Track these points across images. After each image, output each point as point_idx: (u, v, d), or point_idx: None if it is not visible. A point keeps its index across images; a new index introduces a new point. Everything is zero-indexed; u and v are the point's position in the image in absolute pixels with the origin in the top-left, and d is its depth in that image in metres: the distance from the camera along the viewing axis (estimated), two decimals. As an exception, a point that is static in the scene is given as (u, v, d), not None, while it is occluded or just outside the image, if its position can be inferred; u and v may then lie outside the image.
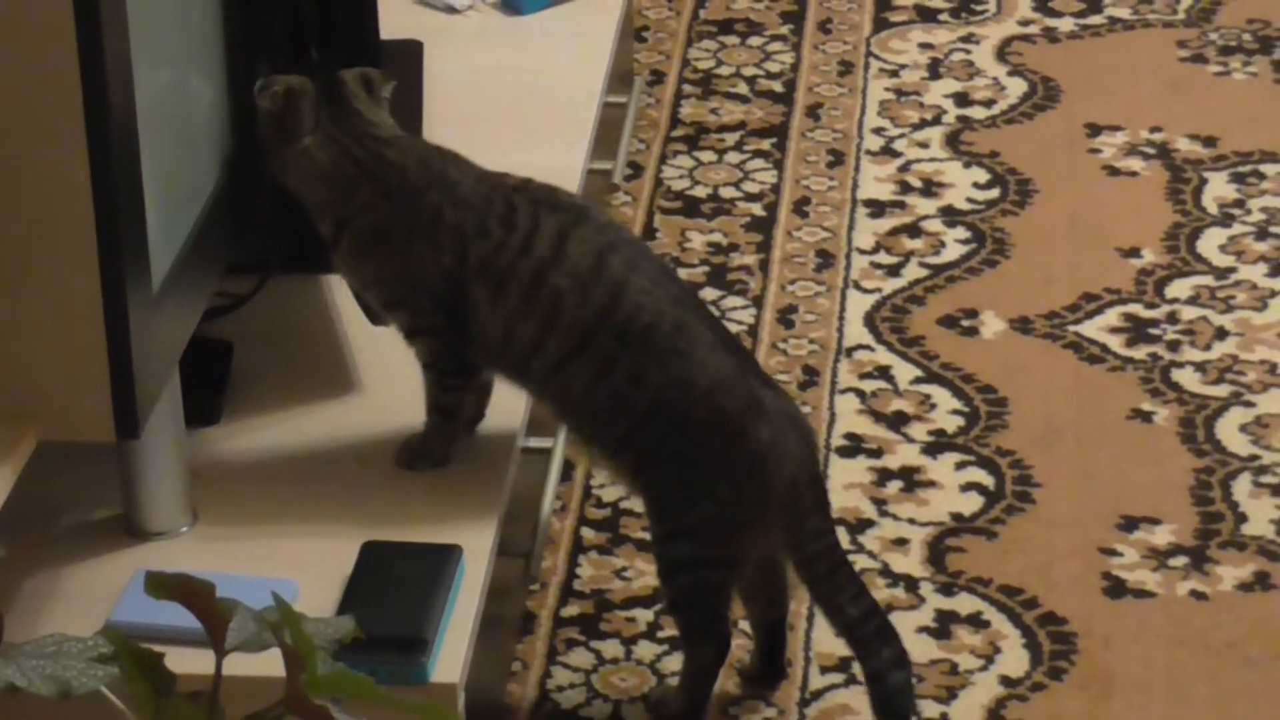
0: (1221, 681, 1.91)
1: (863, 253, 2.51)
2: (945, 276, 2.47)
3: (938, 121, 2.76)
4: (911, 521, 2.10)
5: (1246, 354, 2.33)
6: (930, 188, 2.63)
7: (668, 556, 1.80)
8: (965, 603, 2.00)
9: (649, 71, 2.87)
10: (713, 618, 1.81)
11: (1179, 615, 1.99)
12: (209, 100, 1.76)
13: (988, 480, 2.15)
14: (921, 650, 1.94)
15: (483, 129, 1.82)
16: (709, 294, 2.43)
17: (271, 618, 1.15)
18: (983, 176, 2.65)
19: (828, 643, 1.95)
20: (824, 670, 1.92)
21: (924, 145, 2.71)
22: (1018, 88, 2.83)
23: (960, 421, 2.24)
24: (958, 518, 2.10)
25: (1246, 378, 2.30)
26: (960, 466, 2.17)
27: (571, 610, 2.00)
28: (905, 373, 2.31)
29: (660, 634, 1.96)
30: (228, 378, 1.93)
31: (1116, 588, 2.02)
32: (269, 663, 1.18)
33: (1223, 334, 2.37)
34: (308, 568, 1.71)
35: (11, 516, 1.58)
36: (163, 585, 1.14)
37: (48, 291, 1.52)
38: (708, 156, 2.70)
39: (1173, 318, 2.40)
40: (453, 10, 2.46)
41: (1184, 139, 2.71)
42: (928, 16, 2.99)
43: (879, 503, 2.12)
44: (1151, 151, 2.69)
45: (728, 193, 2.62)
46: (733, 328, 2.36)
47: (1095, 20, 2.97)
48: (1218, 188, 2.62)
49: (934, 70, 2.88)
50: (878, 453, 2.19)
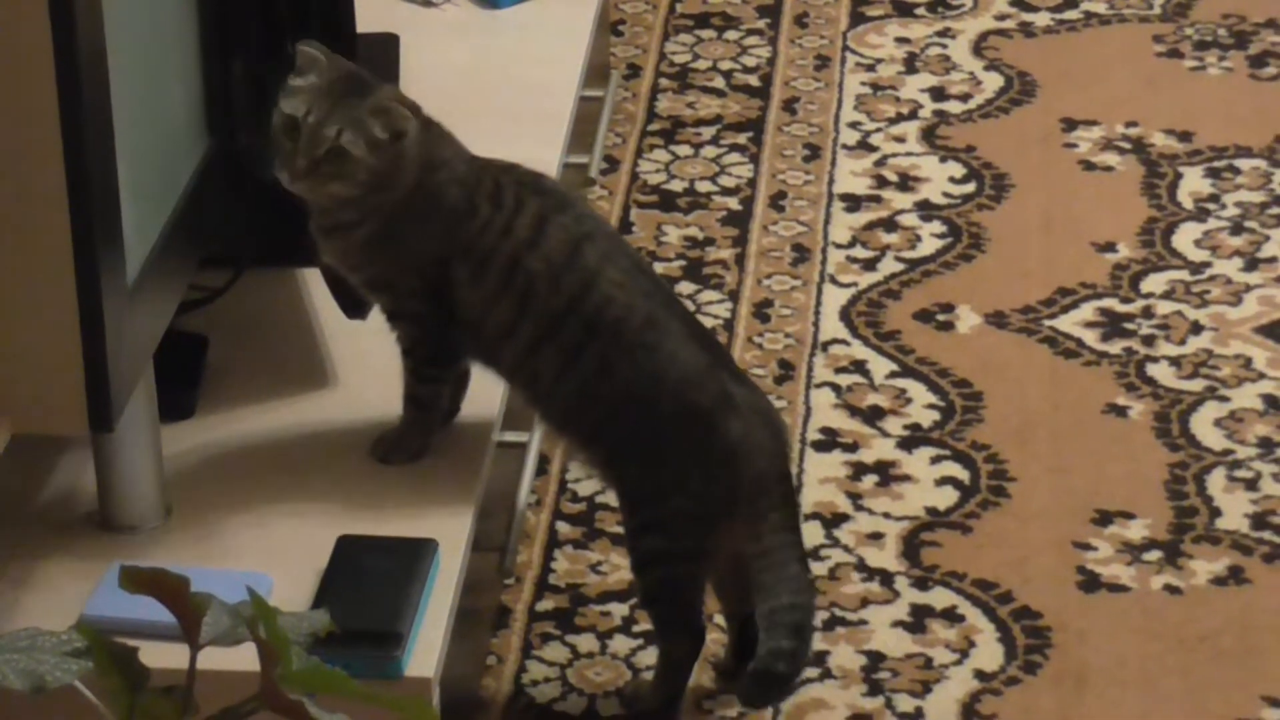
0: (1195, 675, 1.91)
1: (839, 247, 2.52)
2: (921, 271, 2.47)
3: (914, 116, 2.77)
4: (886, 516, 2.10)
5: (1221, 349, 2.34)
6: (906, 182, 2.63)
7: (640, 550, 1.80)
8: (940, 597, 2.00)
9: (625, 65, 2.87)
10: (686, 611, 1.81)
11: (1153, 609, 1.99)
12: (184, 93, 1.76)
13: (963, 474, 2.16)
14: (896, 644, 1.95)
15: (460, 123, 1.82)
16: (685, 288, 2.43)
17: (246, 612, 1.15)
18: (959, 171, 2.65)
19: (803, 637, 1.95)
20: (799, 664, 1.92)
21: (900, 140, 2.72)
22: (994, 82, 2.83)
23: (935, 416, 2.24)
24: (933, 512, 2.11)
25: (1221, 372, 2.31)
26: (935, 461, 2.17)
27: (546, 604, 2.00)
28: (881, 367, 2.31)
29: (635, 628, 1.96)
30: (202, 371, 1.93)
31: (1091, 582, 2.02)
32: (243, 657, 1.18)
33: (1198, 329, 2.38)
34: (282, 562, 1.70)
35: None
36: (137, 579, 1.14)
37: (22, 284, 1.52)
38: (684, 150, 2.70)
39: (1148, 312, 2.40)
40: (429, 4, 2.46)
41: (1159, 134, 2.72)
42: (904, 11, 2.99)
43: (854, 497, 2.13)
44: (1127, 146, 2.70)
45: (704, 187, 2.63)
46: (708, 322, 2.36)
47: (1071, 15, 2.98)
48: (1193, 183, 2.63)
49: (910, 65, 2.88)
50: (853, 447, 2.20)
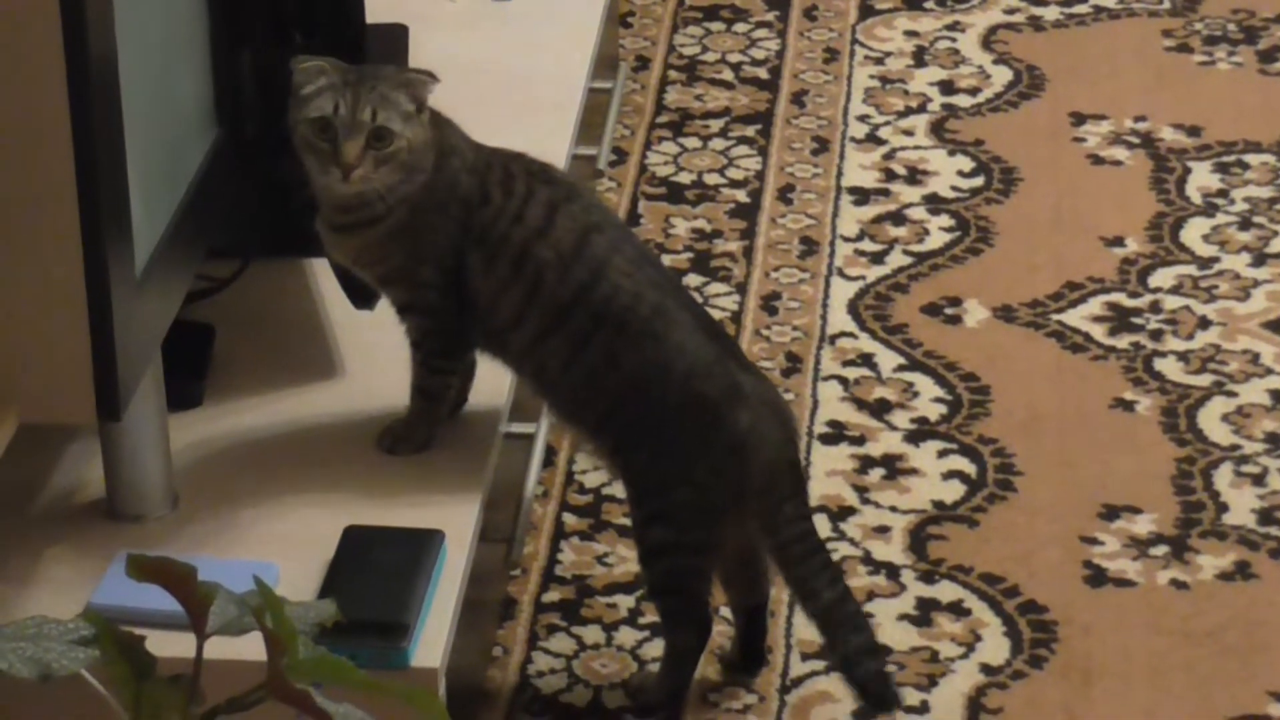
0: (1201, 670, 1.91)
1: (847, 240, 2.52)
2: (929, 264, 2.47)
3: (923, 109, 2.77)
4: (893, 509, 2.10)
5: (1229, 344, 2.34)
6: (915, 175, 2.63)
7: (647, 542, 1.80)
8: (946, 590, 2.00)
9: (634, 57, 2.87)
10: (693, 603, 1.82)
11: (1159, 604, 1.99)
12: (192, 83, 1.76)
13: (969, 468, 2.16)
14: (902, 638, 1.95)
15: (468, 114, 1.82)
16: (693, 280, 2.43)
17: (253, 601, 1.15)
18: (967, 164, 2.65)
19: (808, 630, 1.95)
20: (805, 657, 1.92)
21: (909, 133, 2.72)
22: (1003, 76, 2.83)
23: (943, 409, 2.24)
24: (939, 505, 2.11)
25: (1229, 367, 2.31)
26: (942, 454, 2.17)
27: (553, 596, 2.00)
28: (888, 360, 2.31)
29: (641, 620, 1.96)
30: (209, 361, 1.93)
31: (1097, 576, 2.03)
32: (250, 647, 1.18)
33: (1205, 323, 2.38)
34: (289, 552, 1.71)
35: (-7, 498, 1.58)
36: (144, 568, 1.15)
37: (30, 273, 1.52)
38: (692, 143, 2.70)
39: (1155, 307, 2.40)
40: (438, -6, 2.46)
41: (1168, 128, 2.72)
42: (913, 4, 2.99)
43: (861, 490, 2.13)
44: (1136, 141, 2.69)
45: (712, 179, 2.63)
46: (716, 314, 2.36)
47: (1081, 9, 2.97)
48: (1201, 177, 2.62)
49: (919, 58, 2.88)
50: (860, 440, 2.20)
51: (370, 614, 1.60)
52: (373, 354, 1.94)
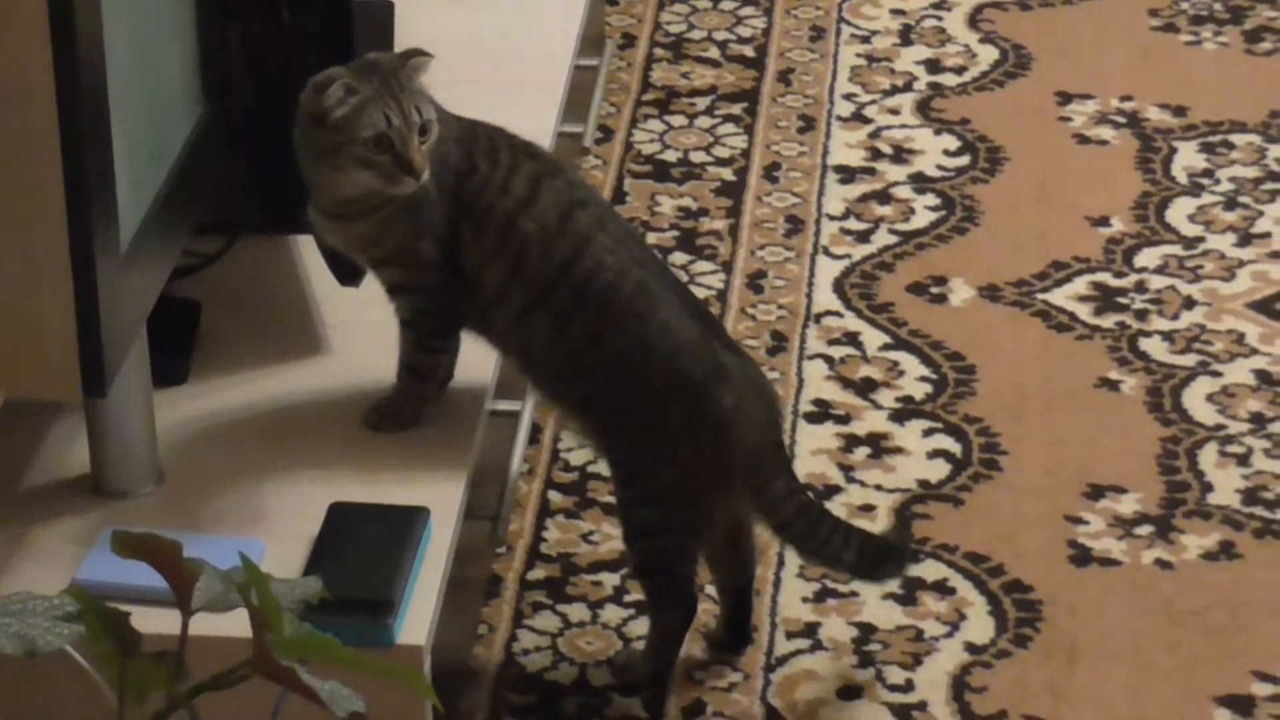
0: (1185, 650, 1.92)
1: (832, 219, 2.51)
2: (915, 243, 2.47)
3: (909, 88, 2.76)
4: (879, 488, 2.10)
5: (1214, 324, 2.34)
6: (901, 154, 2.63)
7: (633, 521, 1.80)
8: (931, 569, 2.00)
9: (620, 35, 2.87)
10: (678, 582, 1.82)
11: (1144, 584, 2.00)
12: (178, 58, 1.75)
13: (955, 447, 2.16)
14: (887, 616, 1.95)
15: (454, 91, 1.82)
16: (678, 258, 2.43)
17: (238, 578, 1.15)
18: (953, 143, 2.65)
19: (794, 608, 1.95)
20: (789, 636, 1.92)
21: (895, 112, 2.71)
22: (989, 55, 2.83)
23: (928, 388, 2.24)
24: (925, 484, 2.11)
25: (1214, 347, 2.31)
26: (928, 433, 2.17)
27: (538, 574, 2.00)
28: (874, 339, 2.31)
29: (627, 598, 1.96)
30: (195, 338, 1.92)
31: (1082, 556, 2.03)
32: (235, 623, 1.18)
33: (1190, 303, 2.38)
34: (274, 528, 1.70)
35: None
36: (129, 544, 1.14)
37: (15, 248, 1.51)
38: (678, 121, 2.70)
39: (1141, 287, 2.41)
40: (424, -29, 2.44)
41: (1154, 108, 2.72)
42: (900, -17, 2.98)
43: (846, 469, 2.13)
44: (1122, 120, 2.69)
45: (698, 157, 2.62)
46: (701, 292, 2.36)
47: (1067, -12, 2.97)
48: (1187, 157, 2.63)
49: (905, 37, 2.88)
50: (845, 419, 2.20)
51: (355, 591, 1.60)
52: (358, 331, 1.94)
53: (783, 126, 2.69)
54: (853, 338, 2.32)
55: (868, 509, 2.08)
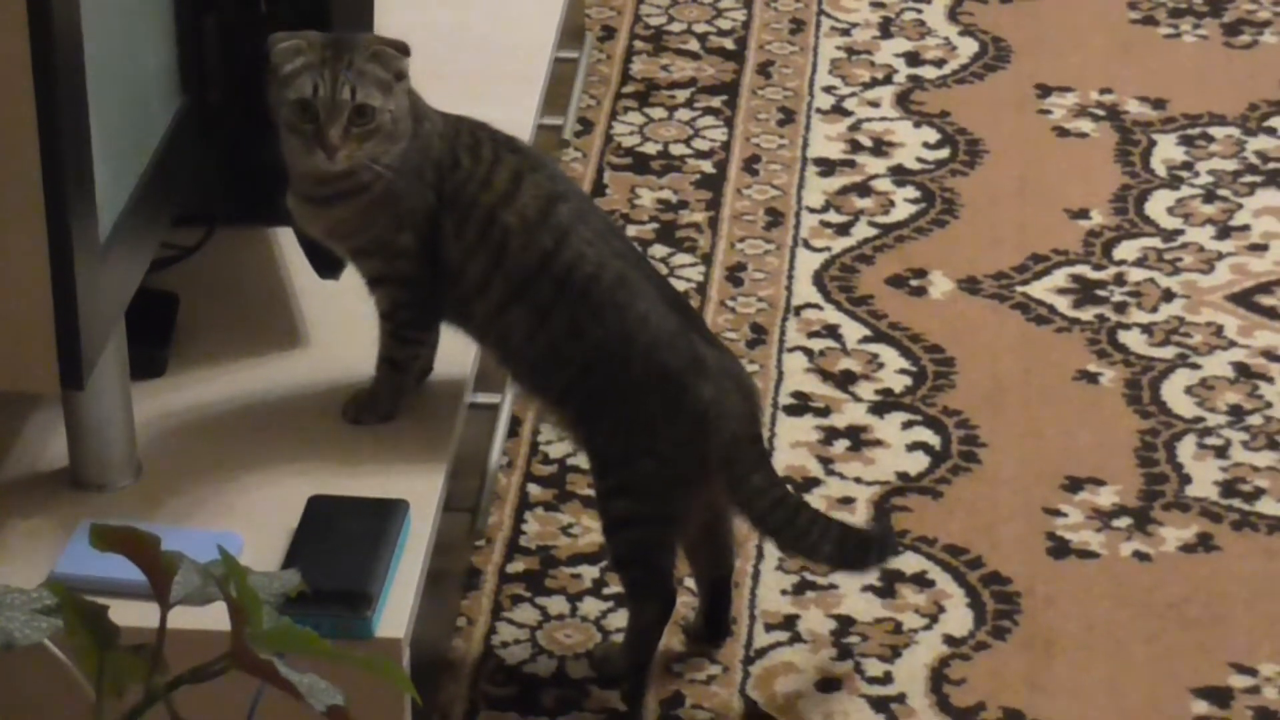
0: (1163, 642, 1.92)
1: (812, 211, 2.52)
2: (894, 236, 2.47)
3: (888, 81, 2.77)
4: (858, 480, 2.11)
5: (1193, 316, 2.35)
6: (880, 147, 2.63)
7: (610, 513, 1.80)
8: (910, 562, 2.01)
9: (600, 27, 2.87)
10: (656, 575, 1.82)
11: (1122, 576, 2.00)
12: (157, 50, 1.75)
13: (934, 440, 2.16)
14: (866, 609, 1.95)
15: (433, 83, 1.81)
16: (658, 251, 2.43)
17: (216, 571, 1.15)
18: (933, 136, 2.65)
19: (772, 600, 1.96)
20: (768, 628, 1.93)
21: (874, 104, 2.72)
22: (969, 48, 2.83)
23: (907, 381, 2.24)
24: (904, 477, 2.11)
25: (1192, 340, 2.31)
26: (907, 426, 2.18)
27: (517, 566, 2.00)
28: (853, 332, 2.32)
29: (606, 590, 1.96)
30: (173, 330, 1.92)
31: (1060, 548, 2.03)
32: (213, 616, 1.18)
33: (1169, 296, 2.38)
34: (253, 521, 1.70)
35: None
36: (107, 537, 1.14)
37: (-6, 243, 1.51)
38: (658, 113, 2.70)
39: (1120, 279, 2.41)
40: (403, -38, 2.44)
41: (1134, 101, 2.72)
42: (880, -25, 2.99)
43: (825, 461, 2.13)
44: (1101, 113, 2.70)
45: (678, 150, 2.62)
46: (681, 285, 2.36)
47: (1047, -19, 2.98)
48: (1166, 150, 2.63)
49: (885, 29, 2.88)
50: (825, 411, 2.20)
51: (334, 584, 1.60)
52: (337, 323, 1.93)
53: (762, 119, 2.69)
54: (832, 330, 2.32)
55: (847, 501, 2.08)
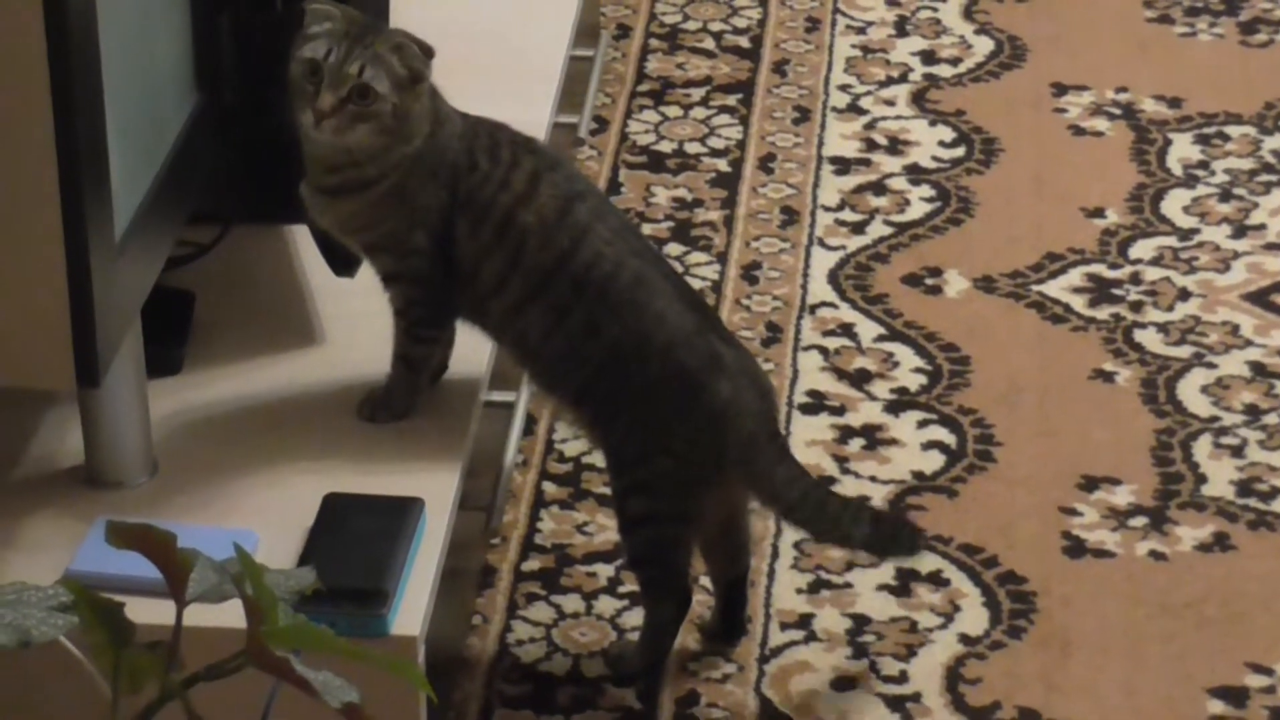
0: (1179, 642, 1.92)
1: (827, 210, 2.51)
2: (910, 234, 2.47)
3: (904, 79, 2.76)
4: (873, 479, 2.10)
5: (1209, 315, 2.34)
6: (896, 145, 2.63)
7: (626, 512, 1.80)
8: (926, 561, 2.00)
9: (615, 25, 2.86)
10: (672, 574, 1.81)
11: (1138, 575, 2.00)
12: (172, 47, 1.75)
13: (949, 439, 2.16)
14: (881, 608, 1.95)
15: (447, 80, 1.81)
16: (673, 249, 2.43)
17: (232, 568, 1.14)
18: (948, 135, 2.65)
19: (788, 599, 1.95)
20: (784, 627, 1.92)
21: (890, 103, 2.71)
22: (984, 46, 2.83)
23: (923, 380, 2.24)
24: (919, 476, 2.11)
25: (1208, 339, 2.31)
26: (922, 425, 2.17)
27: (532, 565, 2.00)
28: (868, 330, 2.31)
29: (621, 589, 1.96)
30: (189, 328, 1.92)
31: (1076, 547, 2.03)
32: (229, 614, 1.18)
33: (1185, 295, 2.38)
34: (268, 519, 1.70)
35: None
36: (123, 535, 1.14)
37: (8, 237, 1.51)
38: (673, 111, 2.69)
39: (1136, 278, 2.40)
40: (419, -40, 2.44)
41: (1149, 100, 2.71)
42: (895, -26, 2.98)
43: (841, 460, 2.13)
44: (1117, 112, 2.69)
45: (693, 148, 2.62)
46: (696, 283, 2.36)
47: (1063, -21, 2.97)
48: (1182, 149, 2.62)
49: (901, 28, 2.87)
50: (840, 410, 2.20)
51: (350, 581, 1.60)
52: (353, 321, 1.93)
53: (778, 117, 2.68)
54: (847, 329, 2.31)
55: (863, 501, 2.07)
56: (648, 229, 2.45)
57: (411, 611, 1.62)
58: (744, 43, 2.83)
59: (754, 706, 1.84)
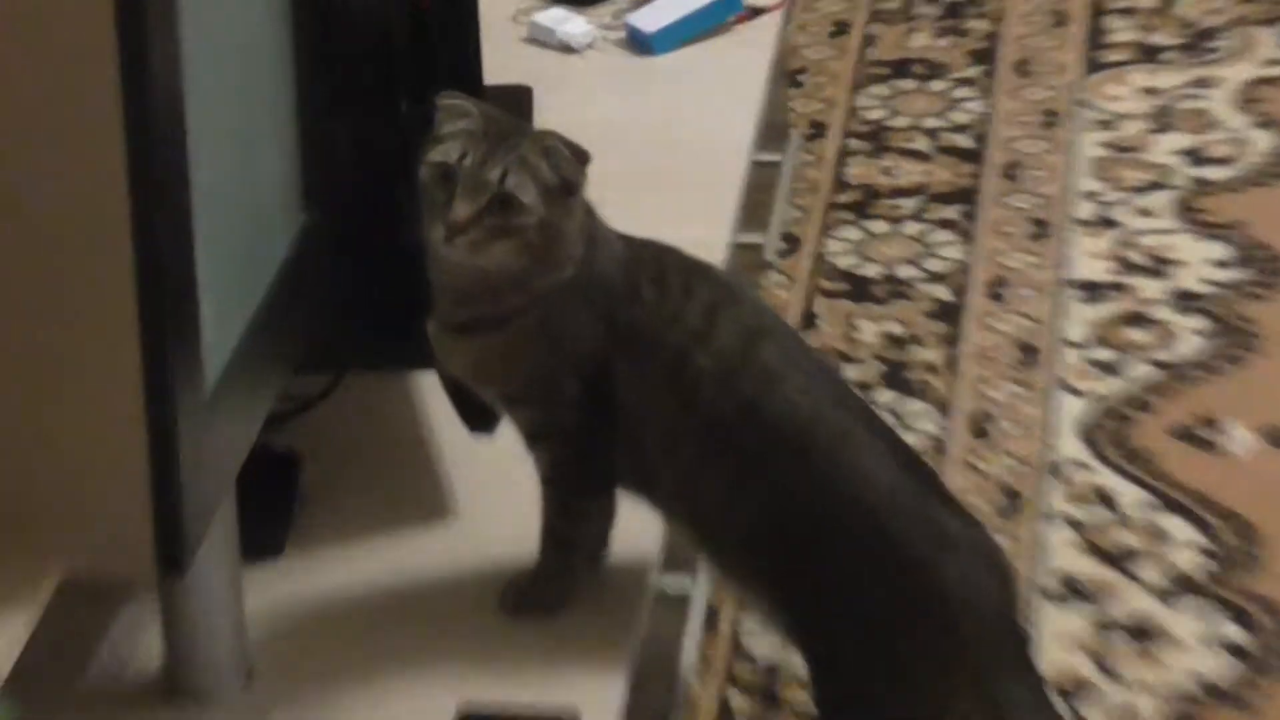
0: None
1: (1074, 346, 2.51)
2: (1178, 376, 2.46)
3: (1165, 184, 2.76)
4: (1144, 688, 2.08)
5: None
6: (1157, 265, 2.63)
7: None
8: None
9: (808, 123, 2.89)
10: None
11: None
12: (276, 156, 1.77)
13: (1239, 636, 2.13)
14: None
15: (604, 194, 1.81)
16: (883, 397, 2.44)
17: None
18: (1222, 251, 2.64)
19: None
20: None
21: (1148, 213, 2.72)
22: (1264, 141, 2.83)
23: (1202, 560, 2.22)
24: (1204, 685, 2.08)
25: None
26: (1204, 617, 2.15)
27: (715, 793, 1.98)
28: (1131, 497, 2.30)
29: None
30: (294, 499, 1.93)
31: (1404, 772, 1.98)
32: None
33: None
34: (391, 739, 1.69)
35: (28, 669, 1.57)
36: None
37: (79, 393, 1.52)
38: (879, 227, 2.71)
39: None
40: (569, 49, 2.49)
41: None
42: (1150, 55, 2.99)
43: (1101, 662, 2.11)
44: None
45: (905, 272, 2.64)
46: (912, 439, 2.35)
47: (1360, 58, 2.97)
48: None
49: (1159, 120, 2.88)
50: (1097, 598, 2.17)
51: (492, 818, 1.58)
52: (493, 489, 1.94)
53: (1009, 233, 2.70)
54: (1104, 495, 2.30)
55: (1130, 716, 2.04)
56: (850, 371, 2.46)
57: None
58: (965, 142, 2.85)
59: None
